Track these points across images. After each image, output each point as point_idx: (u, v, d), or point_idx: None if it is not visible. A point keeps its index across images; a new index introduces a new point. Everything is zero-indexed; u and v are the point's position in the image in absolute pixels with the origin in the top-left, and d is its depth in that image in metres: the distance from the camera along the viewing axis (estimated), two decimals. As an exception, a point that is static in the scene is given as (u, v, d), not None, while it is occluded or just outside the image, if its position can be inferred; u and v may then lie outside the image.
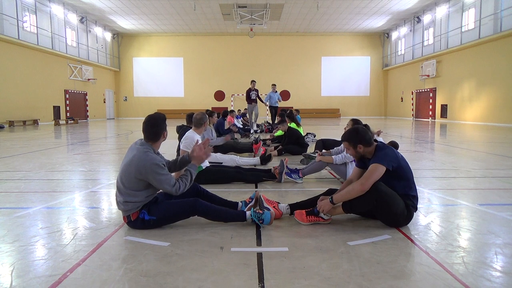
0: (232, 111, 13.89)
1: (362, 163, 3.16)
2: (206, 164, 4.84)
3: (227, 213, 3.05)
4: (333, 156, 4.68)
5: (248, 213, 3.03)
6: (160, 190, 3.03)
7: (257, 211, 3.01)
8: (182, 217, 3.03)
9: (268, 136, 10.56)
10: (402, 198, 2.92)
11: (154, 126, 2.98)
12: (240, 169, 4.86)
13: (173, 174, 4.46)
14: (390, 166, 2.89)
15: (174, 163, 3.27)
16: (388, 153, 2.95)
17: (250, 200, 3.31)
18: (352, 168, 4.46)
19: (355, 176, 3.19)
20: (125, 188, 2.89)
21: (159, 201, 3.05)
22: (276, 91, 15.18)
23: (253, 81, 14.86)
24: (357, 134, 3.02)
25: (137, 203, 2.91)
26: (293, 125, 8.49)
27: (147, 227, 2.93)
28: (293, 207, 3.26)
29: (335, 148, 5.19)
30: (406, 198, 2.95)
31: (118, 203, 2.97)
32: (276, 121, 13.46)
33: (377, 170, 2.87)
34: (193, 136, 4.63)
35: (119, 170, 2.98)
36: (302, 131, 8.79)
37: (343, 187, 3.17)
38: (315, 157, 5.74)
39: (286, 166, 4.79)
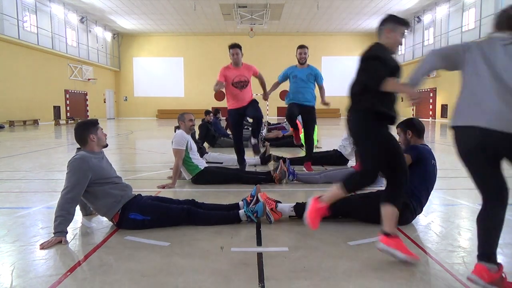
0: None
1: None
2: (204, 164, 4.83)
3: (218, 217, 3.03)
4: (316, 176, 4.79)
5: (241, 212, 3.03)
6: (133, 192, 3.08)
7: (251, 205, 3.03)
8: (173, 221, 2.97)
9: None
10: (408, 195, 2.90)
11: (77, 135, 3.02)
12: (239, 172, 4.86)
13: (169, 183, 4.50)
14: (414, 157, 2.96)
15: (83, 206, 3.24)
16: (425, 148, 3.06)
17: (252, 198, 3.25)
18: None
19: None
20: (84, 198, 2.93)
21: (149, 201, 3.03)
22: None
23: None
24: (408, 121, 3.21)
25: (108, 205, 2.87)
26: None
27: (140, 227, 2.90)
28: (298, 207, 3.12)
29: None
30: (411, 195, 2.92)
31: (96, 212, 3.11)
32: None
33: None
34: (182, 134, 4.63)
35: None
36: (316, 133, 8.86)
37: None
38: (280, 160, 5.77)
39: (288, 164, 4.80)
